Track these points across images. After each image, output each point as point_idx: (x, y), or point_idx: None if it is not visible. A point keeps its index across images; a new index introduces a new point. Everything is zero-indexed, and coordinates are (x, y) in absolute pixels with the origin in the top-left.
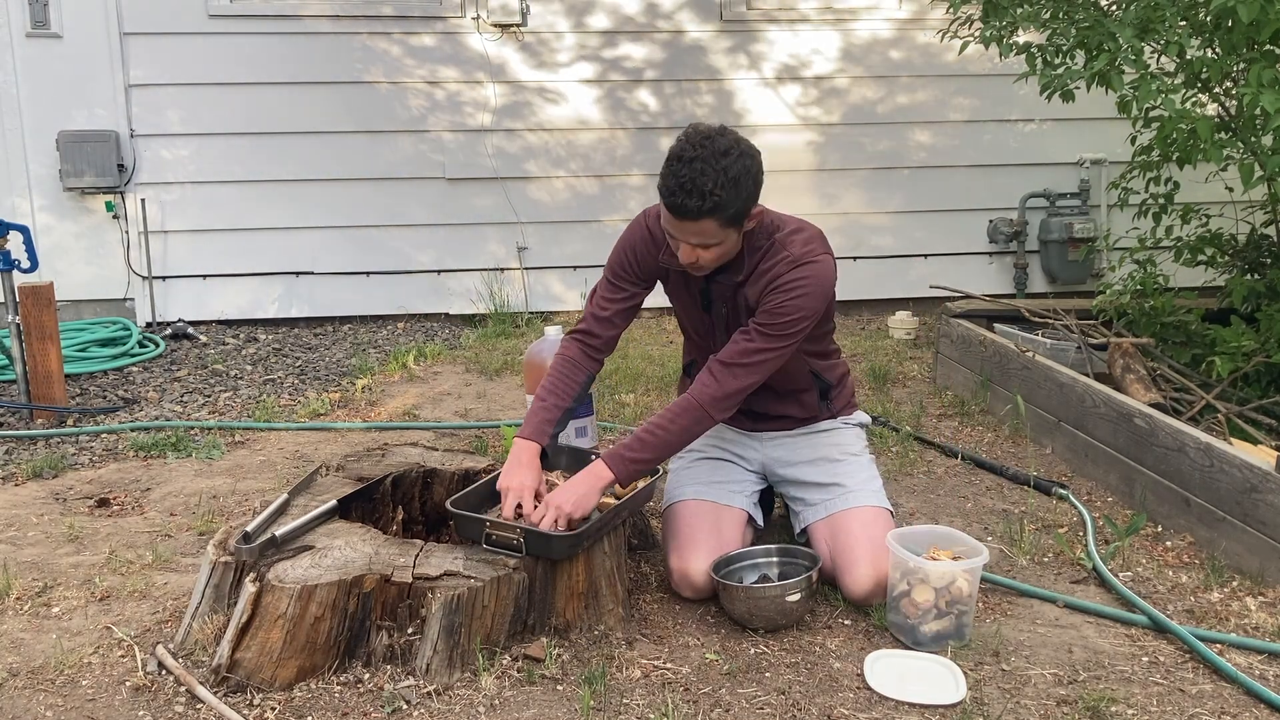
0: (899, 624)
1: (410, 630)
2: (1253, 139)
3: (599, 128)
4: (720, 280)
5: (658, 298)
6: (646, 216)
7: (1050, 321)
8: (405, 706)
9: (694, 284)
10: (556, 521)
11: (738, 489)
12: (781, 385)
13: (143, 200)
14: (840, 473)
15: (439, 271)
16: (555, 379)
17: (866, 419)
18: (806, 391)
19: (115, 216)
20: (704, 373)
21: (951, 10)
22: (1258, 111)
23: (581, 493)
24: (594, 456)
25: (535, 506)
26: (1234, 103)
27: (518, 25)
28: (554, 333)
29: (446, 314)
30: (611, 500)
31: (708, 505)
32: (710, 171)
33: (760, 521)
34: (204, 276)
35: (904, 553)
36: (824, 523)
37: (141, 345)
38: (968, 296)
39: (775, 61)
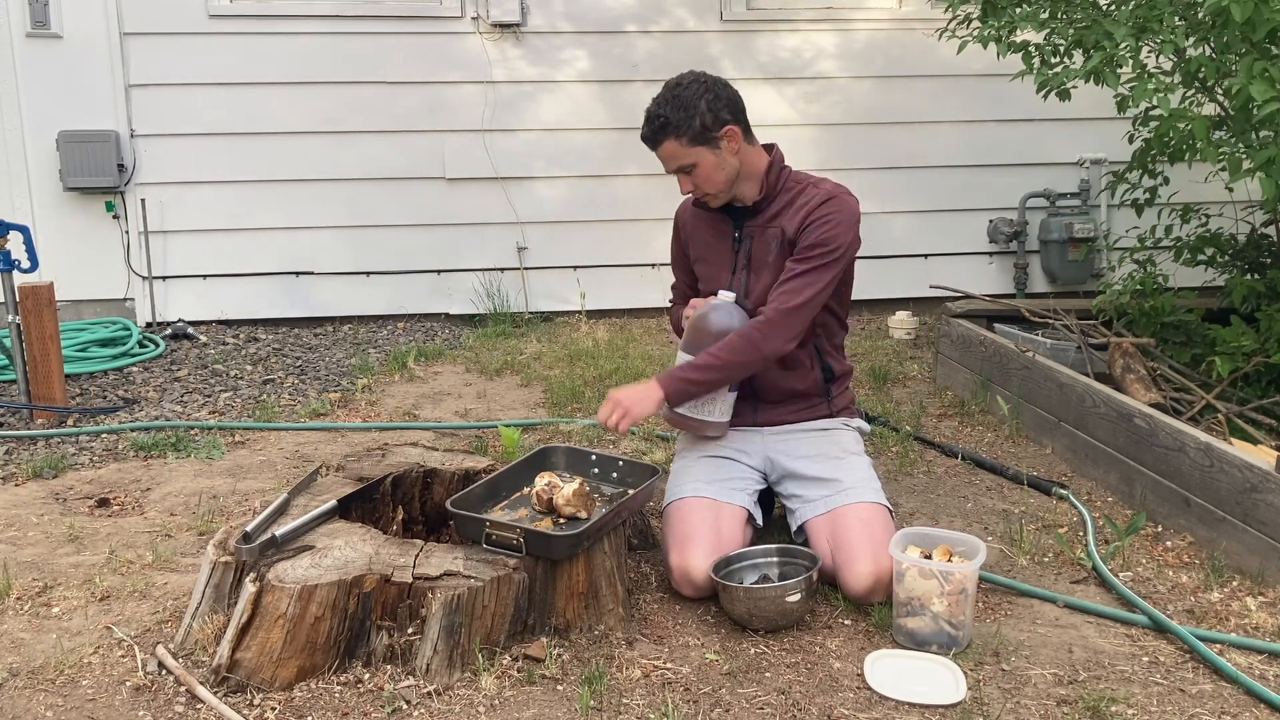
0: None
1: (410, 630)
2: (1246, 131)
3: (599, 127)
4: (752, 222)
5: (657, 296)
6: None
7: (1050, 321)
8: (405, 706)
9: (725, 227)
10: (617, 421)
11: (738, 486)
12: (789, 359)
13: (143, 200)
14: (840, 469)
15: (439, 271)
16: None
17: (866, 426)
18: (811, 370)
19: (115, 216)
20: (758, 315)
21: (950, 10)
22: (1253, 107)
23: (637, 396)
24: (593, 456)
25: None
26: (1231, 101)
27: (517, 25)
28: (728, 296)
29: (446, 314)
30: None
31: (707, 502)
32: (660, 101)
33: (760, 520)
34: (204, 276)
35: (908, 556)
36: (824, 518)
37: (141, 345)
38: (968, 296)
39: (775, 61)
